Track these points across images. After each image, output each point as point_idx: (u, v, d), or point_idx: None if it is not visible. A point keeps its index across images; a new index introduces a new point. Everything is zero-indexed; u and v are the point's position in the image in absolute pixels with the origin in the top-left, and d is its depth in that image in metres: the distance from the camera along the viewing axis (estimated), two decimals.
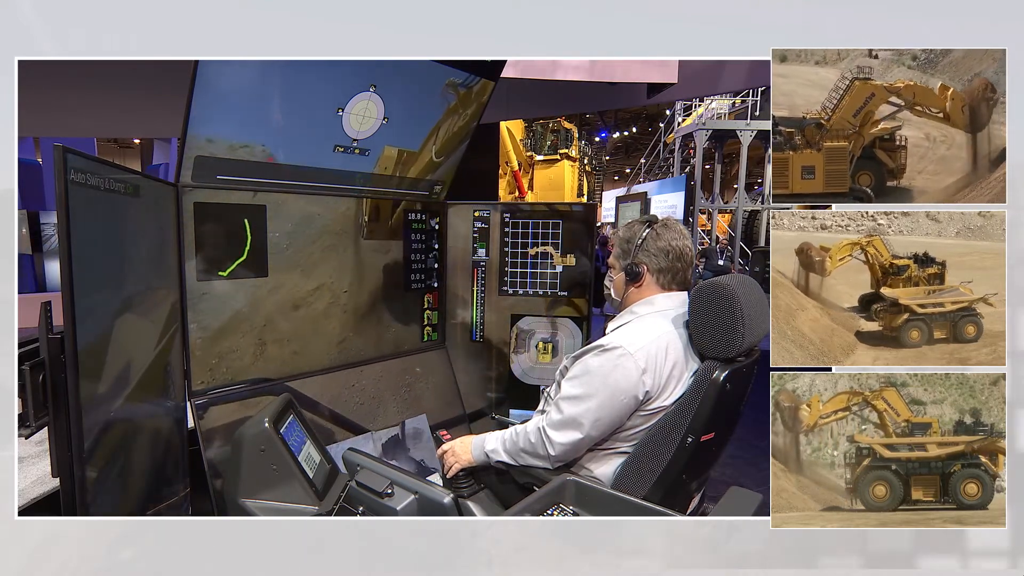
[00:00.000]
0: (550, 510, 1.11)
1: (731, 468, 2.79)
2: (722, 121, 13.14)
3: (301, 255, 1.79)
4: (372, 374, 2.07)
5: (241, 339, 1.66)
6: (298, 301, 1.80)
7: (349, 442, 1.92)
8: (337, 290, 1.92)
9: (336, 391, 1.94)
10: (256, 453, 1.36)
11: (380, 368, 2.10)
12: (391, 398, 2.12)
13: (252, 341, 1.69)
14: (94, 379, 1.01)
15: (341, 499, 1.29)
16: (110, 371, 1.09)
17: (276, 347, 1.76)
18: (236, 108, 1.44)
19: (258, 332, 1.71)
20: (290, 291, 1.78)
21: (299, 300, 1.81)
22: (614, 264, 1.43)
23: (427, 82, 1.79)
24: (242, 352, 1.67)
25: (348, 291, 1.96)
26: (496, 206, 2.29)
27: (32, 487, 2.39)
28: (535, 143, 15.82)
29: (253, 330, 1.69)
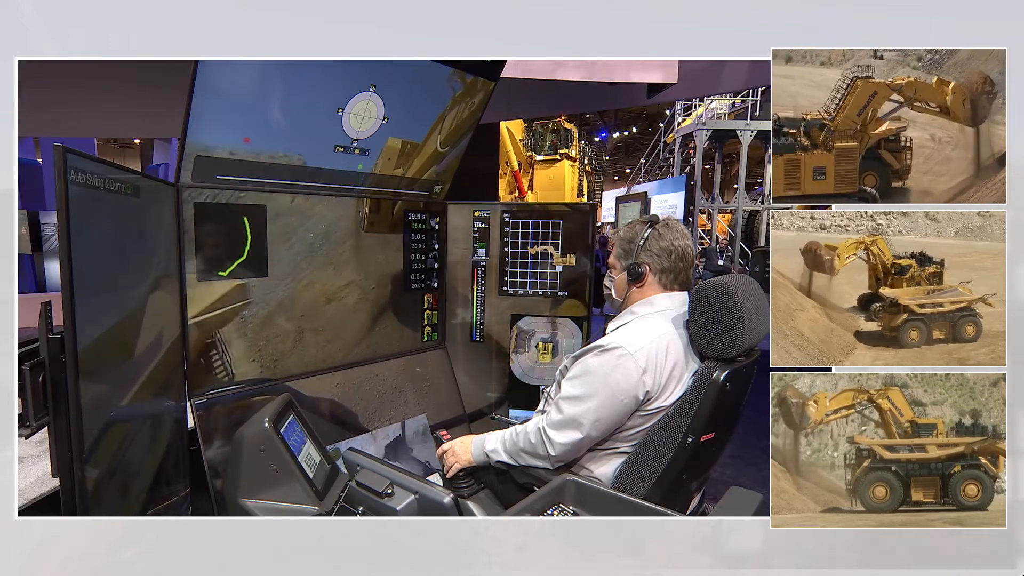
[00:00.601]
0: (550, 510, 1.11)
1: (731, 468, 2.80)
2: (722, 121, 13.15)
3: (301, 255, 1.79)
4: (372, 374, 2.07)
5: (241, 339, 1.66)
6: (298, 301, 1.80)
7: (349, 442, 1.92)
8: (337, 290, 1.92)
9: (336, 391, 1.94)
10: (256, 453, 1.36)
11: (380, 368, 2.10)
12: (391, 398, 2.12)
13: (252, 341, 1.69)
14: (94, 379, 1.00)
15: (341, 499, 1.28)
16: (110, 371, 1.09)
17: (276, 347, 1.76)
18: (236, 109, 1.44)
19: (258, 332, 1.71)
20: (290, 291, 1.78)
21: (299, 300, 1.81)
22: (615, 264, 1.43)
23: (428, 79, 1.79)
24: (242, 352, 1.67)
25: (348, 291, 1.96)
26: (496, 206, 2.29)
27: (32, 487, 2.39)
28: (535, 143, 15.82)
29: (253, 330, 1.69)
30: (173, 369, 1.47)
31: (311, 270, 1.83)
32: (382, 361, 2.11)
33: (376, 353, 2.09)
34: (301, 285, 1.81)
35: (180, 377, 1.52)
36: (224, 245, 1.59)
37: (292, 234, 1.76)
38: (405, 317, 2.19)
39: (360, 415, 2.00)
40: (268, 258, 1.70)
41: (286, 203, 1.72)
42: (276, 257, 1.72)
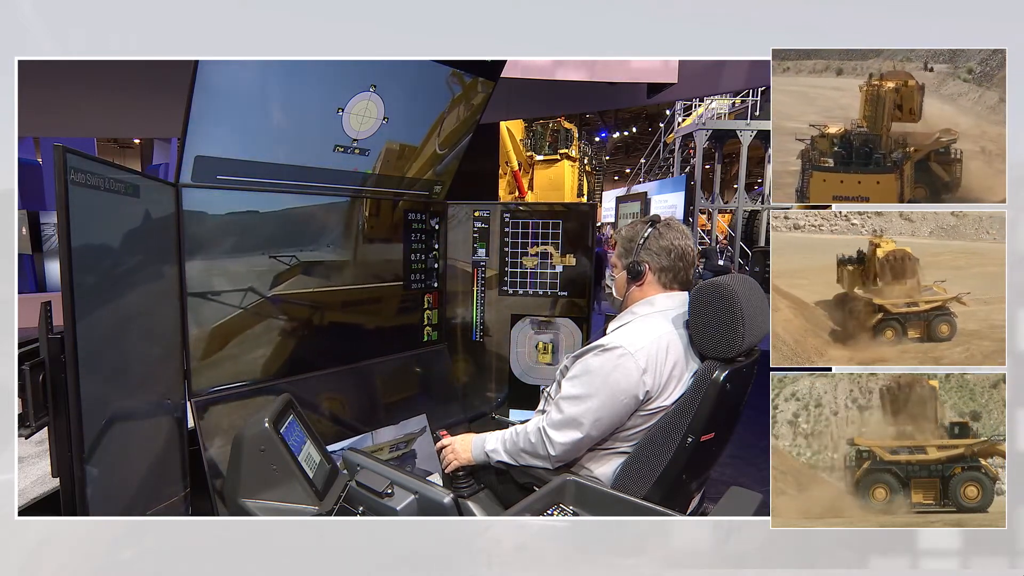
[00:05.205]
0: (550, 510, 1.11)
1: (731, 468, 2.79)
2: (722, 121, 13.15)
3: (301, 255, 1.79)
4: (372, 374, 2.07)
5: (241, 339, 1.66)
6: (298, 301, 1.80)
7: (349, 442, 1.92)
8: (337, 290, 1.92)
9: (336, 391, 1.94)
10: (256, 453, 1.36)
11: (380, 368, 2.10)
12: (391, 398, 2.12)
13: (252, 341, 1.69)
14: (94, 379, 1.00)
15: (341, 499, 1.28)
16: (110, 371, 1.09)
17: (276, 347, 1.76)
18: (236, 108, 1.44)
19: (258, 332, 1.70)
20: (291, 291, 1.77)
21: (299, 300, 1.80)
22: (616, 263, 1.43)
23: (428, 79, 1.79)
24: (242, 352, 1.67)
25: (348, 291, 1.96)
26: (496, 206, 2.29)
27: (32, 487, 2.39)
28: (535, 143, 15.81)
29: (253, 330, 1.69)
30: (173, 369, 1.47)
31: (311, 270, 1.83)
32: (382, 361, 2.11)
33: (376, 353, 2.09)
34: (302, 285, 1.81)
35: (180, 377, 1.52)
36: (224, 245, 1.59)
37: (292, 234, 1.76)
38: (405, 317, 2.19)
39: (360, 415, 2.00)
40: (268, 258, 1.70)
41: (286, 203, 1.72)
42: (276, 257, 1.72)
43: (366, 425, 2.01)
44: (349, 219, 1.93)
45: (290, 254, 1.76)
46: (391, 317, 2.14)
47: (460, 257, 2.32)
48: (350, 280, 1.96)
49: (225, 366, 1.63)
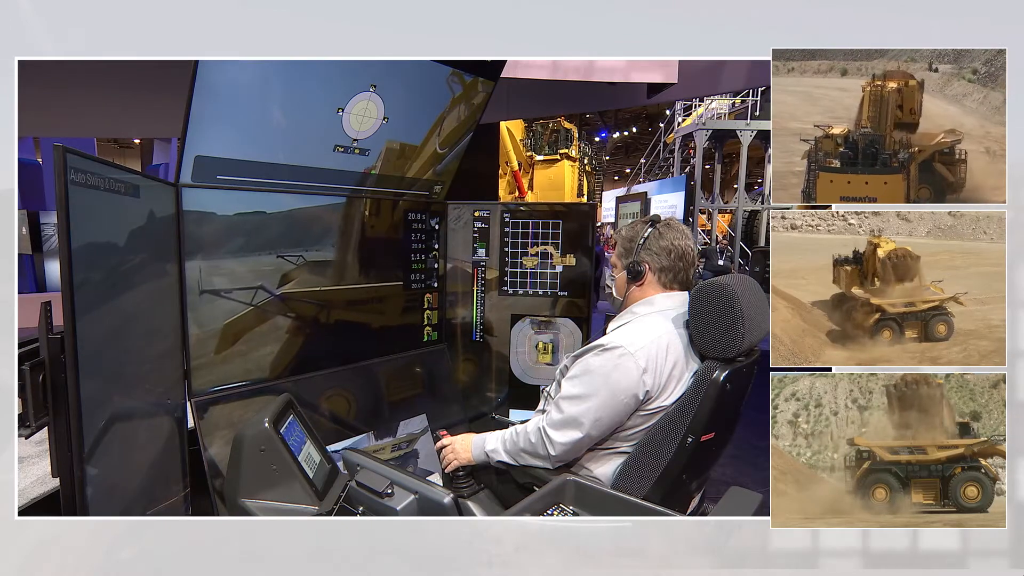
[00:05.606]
0: (550, 510, 1.11)
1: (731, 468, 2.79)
2: (722, 121, 13.13)
3: (301, 255, 1.79)
4: (372, 374, 2.07)
5: (242, 339, 1.66)
6: (299, 301, 1.80)
7: (349, 442, 1.92)
8: (337, 290, 1.92)
9: (336, 391, 1.94)
10: (256, 453, 1.36)
11: (380, 368, 2.10)
12: (391, 398, 2.12)
13: (252, 341, 1.69)
14: (94, 379, 1.00)
15: (341, 499, 1.28)
16: (110, 371, 1.09)
17: (276, 347, 1.76)
18: (236, 108, 1.44)
19: (258, 332, 1.70)
20: (291, 291, 1.77)
21: (300, 299, 1.80)
22: (616, 263, 1.43)
23: (428, 79, 1.79)
24: (242, 352, 1.67)
25: (348, 291, 1.96)
26: (496, 206, 2.29)
27: (32, 487, 2.39)
28: (535, 143, 15.81)
29: (254, 330, 1.69)
30: (173, 369, 1.47)
31: (311, 270, 1.83)
32: (382, 361, 2.11)
33: (376, 353, 2.09)
34: (302, 285, 1.81)
35: (180, 377, 1.52)
36: (224, 245, 1.59)
37: (292, 234, 1.76)
38: (405, 317, 2.19)
39: (360, 415, 2.00)
40: (268, 258, 1.70)
41: (286, 203, 1.72)
42: (276, 257, 1.72)
43: (366, 425, 2.01)
44: (349, 219, 1.93)
45: (296, 254, 1.76)
46: (391, 317, 2.14)
47: (460, 257, 2.32)
48: (350, 280, 1.96)
49: (225, 366, 1.63)
